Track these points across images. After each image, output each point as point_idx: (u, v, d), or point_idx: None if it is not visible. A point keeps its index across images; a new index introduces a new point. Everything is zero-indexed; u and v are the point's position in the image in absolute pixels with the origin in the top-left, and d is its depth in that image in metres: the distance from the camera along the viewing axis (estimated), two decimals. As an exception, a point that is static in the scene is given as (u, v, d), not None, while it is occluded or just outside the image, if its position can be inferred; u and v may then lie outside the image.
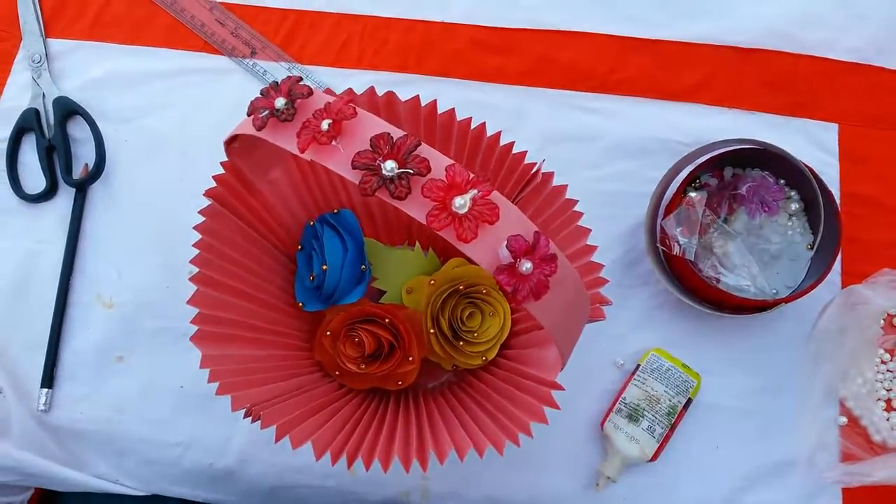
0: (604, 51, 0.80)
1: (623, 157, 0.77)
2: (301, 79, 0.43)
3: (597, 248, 0.60)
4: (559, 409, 0.54)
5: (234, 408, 0.54)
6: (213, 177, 0.56)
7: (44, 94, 0.80)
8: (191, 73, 0.81)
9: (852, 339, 0.70)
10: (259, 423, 0.54)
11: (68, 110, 0.79)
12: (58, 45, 0.82)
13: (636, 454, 0.67)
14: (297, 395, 0.59)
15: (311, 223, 0.67)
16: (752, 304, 0.67)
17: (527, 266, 0.38)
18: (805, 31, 0.80)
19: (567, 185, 0.61)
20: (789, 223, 0.72)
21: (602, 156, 0.77)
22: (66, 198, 0.77)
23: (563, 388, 0.54)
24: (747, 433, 0.70)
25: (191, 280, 0.56)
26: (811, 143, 0.77)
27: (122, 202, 0.77)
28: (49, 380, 0.72)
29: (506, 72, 0.80)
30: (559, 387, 0.54)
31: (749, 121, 0.78)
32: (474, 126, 0.62)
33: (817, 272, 0.68)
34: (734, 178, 0.73)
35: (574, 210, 0.61)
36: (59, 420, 0.71)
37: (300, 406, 0.57)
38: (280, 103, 0.42)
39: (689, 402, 0.68)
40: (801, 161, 0.68)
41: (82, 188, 0.77)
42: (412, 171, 0.38)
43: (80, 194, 0.77)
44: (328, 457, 0.54)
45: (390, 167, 0.38)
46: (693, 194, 0.70)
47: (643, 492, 0.69)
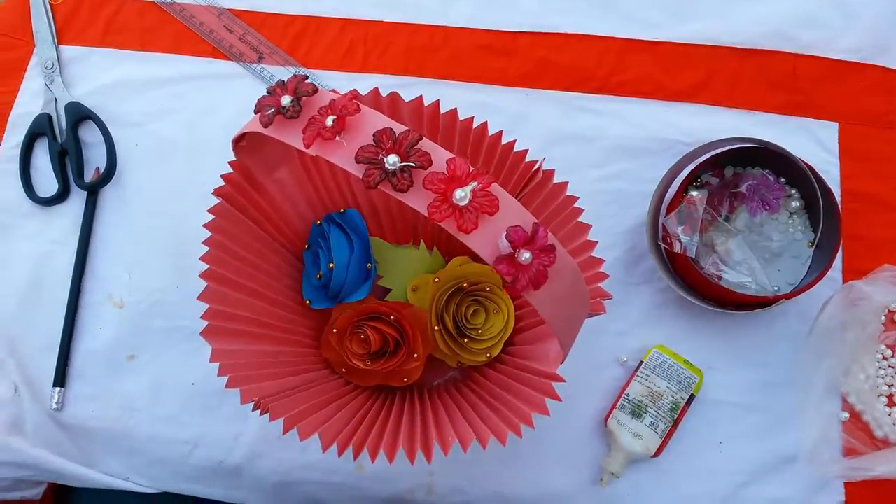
0: (604, 52, 0.81)
1: (625, 157, 0.78)
2: (307, 77, 0.45)
3: (597, 243, 0.61)
4: (560, 399, 0.55)
5: (244, 400, 0.54)
6: (222, 175, 0.57)
7: (56, 100, 0.81)
8: (200, 79, 0.83)
9: (853, 335, 0.70)
10: (267, 417, 0.55)
11: (80, 115, 0.80)
12: (70, 51, 0.84)
13: (639, 450, 0.67)
14: (304, 389, 0.60)
15: (317, 223, 0.68)
16: (753, 301, 0.68)
17: (526, 256, 0.39)
18: (803, 31, 0.81)
19: (567, 182, 0.62)
20: (790, 221, 0.73)
21: (604, 156, 0.78)
22: (77, 201, 0.79)
23: (564, 380, 0.55)
24: (750, 429, 0.71)
25: (201, 276, 0.57)
26: (811, 142, 0.78)
27: (133, 205, 0.78)
28: (61, 379, 0.73)
29: (508, 74, 0.81)
30: (560, 378, 0.55)
31: (749, 120, 0.79)
32: (476, 126, 0.63)
33: (818, 269, 0.69)
34: (735, 176, 0.74)
35: (575, 206, 0.62)
36: (71, 418, 0.73)
37: (308, 400, 0.58)
38: (286, 101, 0.43)
39: (692, 398, 0.69)
40: (800, 159, 0.69)
41: (94, 191, 0.78)
42: (414, 165, 0.39)
43: (91, 197, 0.78)
44: (334, 453, 0.55)
45: (393, 161, 0.39)
46: (694, 193, 0.71)
47: (647, 487, 0.70)
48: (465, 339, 0.65)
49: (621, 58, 0.81)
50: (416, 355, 0.64)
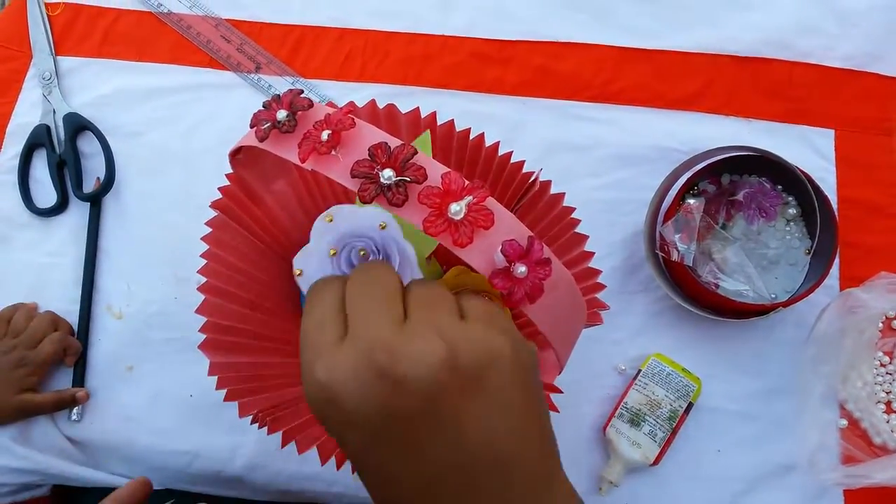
0: (601, 61, 0.81)
1: (622, 166, 0.78)
2: (302, 91, 0.45)
3: (594, 254, 0.61)
4: (558, 411, 0.55)
5: (242, 414, 0.55)
6: (220, 188, 0.57)
7: (54, 111, 0.81)
8: (197, 89, 0.83)
9: (851, 343, 0.70)
10: (266, 429, 0.55)
11: (78, 126, 0.80)
12: (67, 62, 0.84)
13: (638, 458, 0.67)
14: (302, 401, 0.59)
15: None
16: (750, 309, 0.68)
17: (521, 269, 0.39)
18: (800, 40, 0.81)
19: (565, 193, 0.62)
20: (787, 228, 0.73)
21: (601, 164, 0.78)
22: (76, 212, 0.79)
23: (562, 391, 0.55)
24: (748, 436, 0.71)
25: (199, 289, 0.57)
26: (808, 149, 0.78)
27: (131, 215, 0.79)
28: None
29: (505, 83, 0.81)
30: (557, 390, 0.55)
31: (746, 128, 0.79)
32: (473, 136, 0.63)
33: (815, 277, 0.69)
34: (732, 184, 0.74)
35: (572, 217, 0.62)
36: (71, 429, 0.73)
37: (306, 412, 0.58)
38: (282, 115, 0.43)
39: (690, 406, 0.69)
40: (797, 167, 0.69)
41: (96, 202, 0.78)
42: (409, 179, 0.39)
43: (94, 208, 0.78)
44: (333, 465, 0.55)
45: (388, 175, 0.39)
46: (691, 201, 0.71)
47: (645, 496, 0.70)
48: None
49: (618, 66, 0.81)
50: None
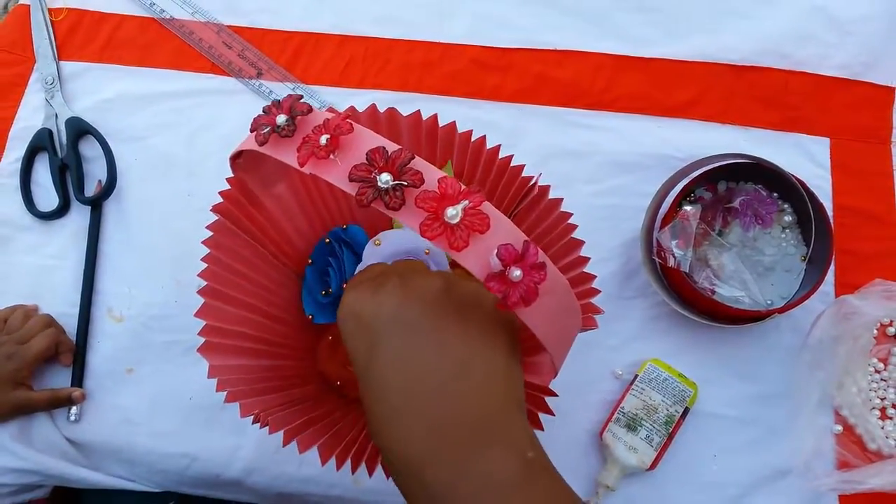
0: (599, 69, 0.82)
1: (619, 172, 0.79)
2: (301, 97, 0.45)
3: (589, 259, 0.61)
4: (554, 414, 0.55)
5: (244, 414, 0.55)
6: (220, 192, 0.58)
7: (56, 115, 0.82)
8: (199, 94, 0.84)
9: (846, 349, 0.71)
10: (265, 431, 0.55)
11: (80, 130, 0.81)
12: (70, 67, 0.85)
13: (634, 463, 0.68)
14: (302, 402, 0.60)
15: (326, 240, 0.68)
16: (746, 315, 0.68)
17: (516, 273, 0.40)
18: (796, 48, 0.82)
19: (563, 199, 0.62)
20: (783, 235, 0.73)
21: (598, 171, 0.79)
22: (77, 215, 0.79)
23: (557, 395, 0.56)
24: (744, 442, 0.71)
25: (199, 293, 0.57)
26: (804, 157, 0.79)
27: (132, 219, 0.79)
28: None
29: (504, 90, 0.82)
30: (552, 393, 0.55)
31: (742, 136, 0.80)
32: (474, 139, 0.63)
33: (811, 283, 0.69)
34: (728, 191, 0.74)
35: (569, 223, 0.62)
36: (71, 431, 0.73)
37: (306, 413, 0.58)
38: (281, 120, 0.44)
39: (687, 411, 0.69)
40: (792, 175, 0.69)
41: (97, 205, 0.79)
42: (406, 183, 0.40)
43: (95, 212, 0.79)
44: (332, 467, 0.55)
45: (385, 179, 0.40)
46: (688, 208, 0.71)
47: (642, 500, 0.70)
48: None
49: (616, 74, 0.82)
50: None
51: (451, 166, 0.64)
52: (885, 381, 0.72)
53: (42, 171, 0.81)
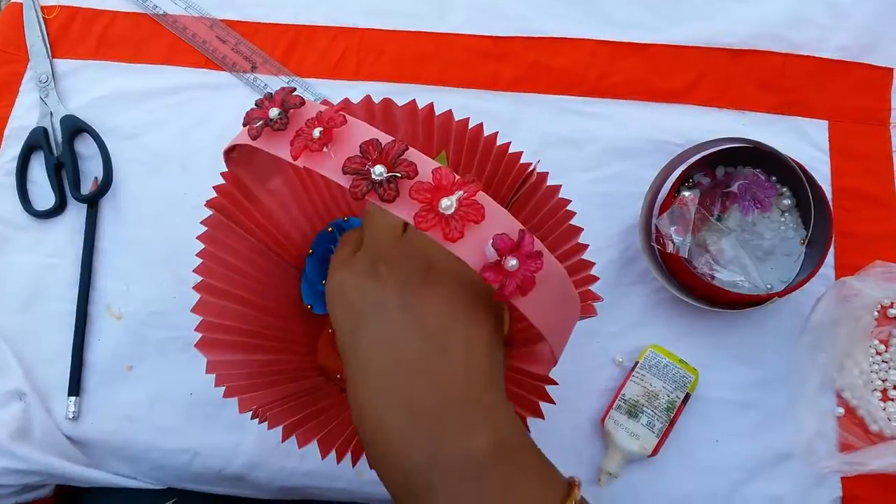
0: (595, 56, 0.82)
1: (617, 159, 0.78)
2: (294, 89, 0.45)
3: (588, 246, 0.61)
4: (554, 402, 0.55)
5: (242, 409, 0.55)
6: (214, 187, 0.58)
7: (51, 113, 0.82)
8: (193, 89, 0.83)
9: (846, 331, 0.70)
10: (265, 426, 0.55)
11: (75, 128, 0.81)
12: (64, 65, 0.84)
13: (636, 450, 0.68)
14: (301, 397, 0.60)
15: (328, 230, 0.68)
16: (746, 300, 0.68)
17: (512, 263, 0.40)
18: (793, 31, 0.81)
19: (560, 186, 0.62)
20: (782, 219, 0.73)
21: (596, 158, 0.78)
22: (74, 213, 0.79)
23: (557, 383, 0.55)
24: (746, 426, 0.71)
25: (195, 288, 0.57)
26: (802, 140, 0.78)
27: (129, 216, 0.79)
28: (76, 388, 0.74)
29: (500, 79, 0.82)
30: (552, 381, 0.55)
31: (740, 120, 0.79)
32: (471, 127, 0.63)
33: (810, 266, 0.69)
34: (726, 176, 0.74)
35: (567, 209, 0.62)
36: (71, 429, 0.73)
37: (306, 407, 0.58)
38: (274, 113, 0.43)
39: (688, 396, 0.69)
40: (791, 158, 0.69)
41: (94, 203, 0.79)
42: (400, 175, 0.40)
43: (91, 209, 0.78)
44: (334, 460, 0.55)
45: (379, 171, 0.40)
46: (686, 193, 0.71)
47: (644, 486, 0.70)
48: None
49: (612, 61, 0.81)
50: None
51: (444, 157, 0.63)
52: (886, 362, 0.72)
53: (38, 170, 0.81)
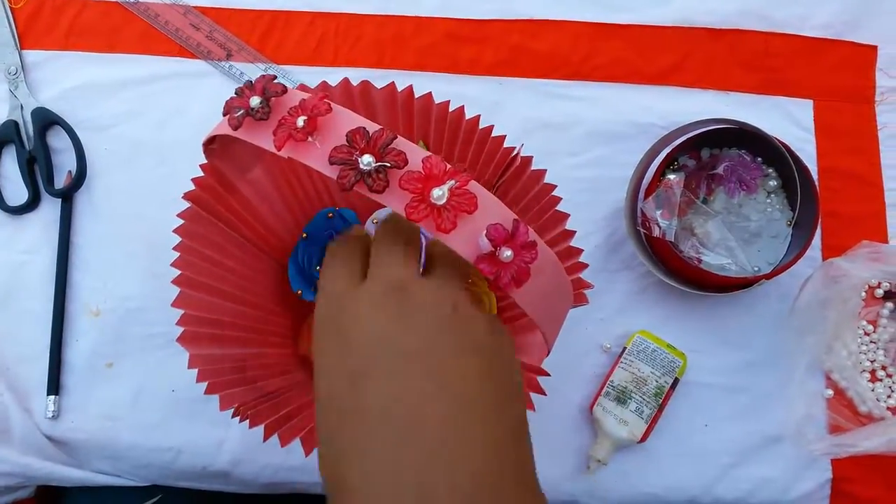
0: (577, 38, 0.80)
1: (600, 143, 0.77)
2: (275, 77, 0.44)
3: (575, 232, 0.60)
4: (545, 394, 0.55)
5: (223, 407, 0.54)
6: (193, 179, 0.56)
7: (22, 106, 0.79)
8: (167, 78, 0.81)
9: (834, 312, 0.70)
10: (248, 422, 0.54)
11: (47, 121, 0.78)
12: (33, 56, 0.82)
13: (625, 436, 0.67)
14: (284, 393, 0.59)
15: (329, 215, 0.67)
16: (733, 282, 0.68)
17: (507, 254, 0.39)
18: (775, 10, 0.80)
19: (546, 170, 0.61)
20: (768, 200, 0.73)
21: (580, 142, 0.77)
22: (48, 208, 0.77)
23: (549, 374, 0.55)
24: (735, 410, 0.71)
25: (173, 282, 0.56)
26: (787, 120, 0.78)
27: (104, 210, 0.77)
28: (55, 387, 0.72)
29: (481, 63, 0.80)
30: (544, 372, 0.55)
31: (724, 101, 0.78)
32: (452, 109, 0.62)
33: (797, 248, 0.69)
34: (711, 158, 0.74)
35: (553, 195, 0.61)
36: (52, 428, 0.72)
37: (288, 404, 0.57)
38: (255, 102, 0.42)
39: (676, 381, 0.69)
40: (776, 138, 0.68)
41: (68, 198, 0.77)
42: (389, 165, 0.38)
43: (66, 204, 0.76)
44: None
45: (367, 161, 0.38)
46: (671, 176, 0.70)
47: (634, 472, 0.70)
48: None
49: (594, 43, 0.80)
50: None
51: (423, 145, 0.62)
52: (874, 343, 0.72)
53: (9, 165, 0.79)
